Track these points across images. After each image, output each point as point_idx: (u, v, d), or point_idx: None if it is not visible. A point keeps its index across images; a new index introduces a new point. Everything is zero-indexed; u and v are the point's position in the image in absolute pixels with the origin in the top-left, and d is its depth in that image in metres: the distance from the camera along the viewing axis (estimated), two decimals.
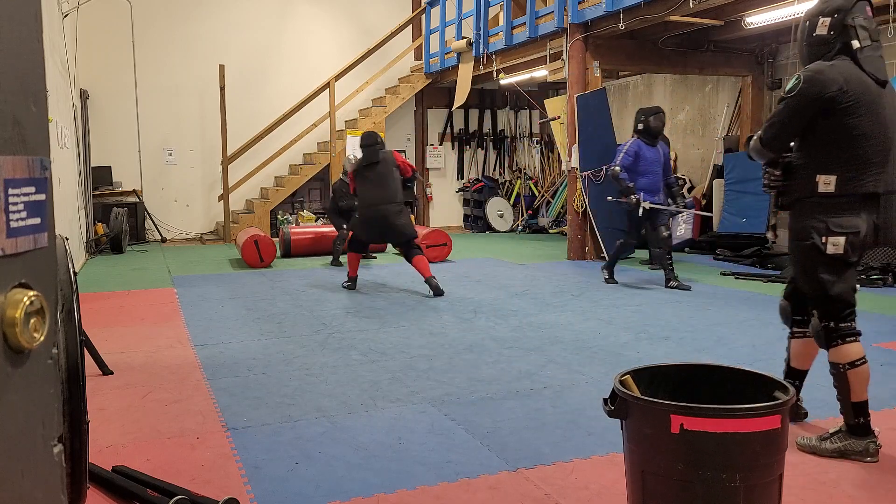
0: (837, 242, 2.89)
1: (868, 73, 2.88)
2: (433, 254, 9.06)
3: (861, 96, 2.84)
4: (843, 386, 2.96)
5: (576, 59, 8.74)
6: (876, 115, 2.86)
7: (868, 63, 2.89)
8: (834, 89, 2.82)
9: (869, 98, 2.85)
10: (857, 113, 2.83)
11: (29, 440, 0.95)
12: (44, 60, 1.04)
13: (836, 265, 2.93)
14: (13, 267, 0.92)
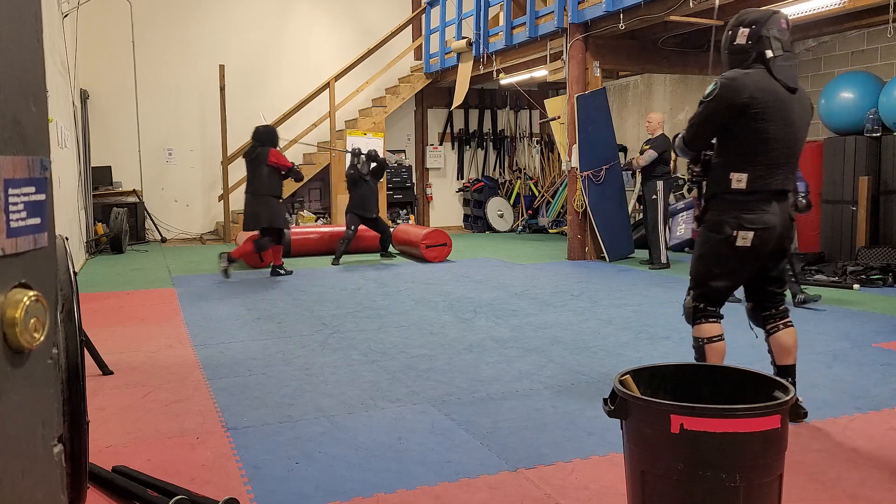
0: (746, 237, 3.13)
1: (779, 81, 3.12)
2: (433, 254, 9.06)
3: (770, 103, 3.08)
4: (702, 357, 3.31)
5: (576, 59, 8.75)
6: (784, 120, 3.12)
7: (780, 72, 3.13)
8: (745, 96, 3.06)
9: (779, 105, 3.10)
10: (766, 118, 3.08)
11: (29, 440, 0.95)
12: (44, 60, 1.04)
13: (733, 258, 3.19)
14: (13, 267, 0.92)
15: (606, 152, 8.96)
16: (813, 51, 9.20)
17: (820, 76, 9.11)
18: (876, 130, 7.79)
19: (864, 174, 7.71)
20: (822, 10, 7.09)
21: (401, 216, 13.14)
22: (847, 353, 4.50)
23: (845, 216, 7.89)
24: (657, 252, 8.23)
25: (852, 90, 8.02)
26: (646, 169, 8.31)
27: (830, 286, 6.88)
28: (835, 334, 5.00)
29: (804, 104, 3.21)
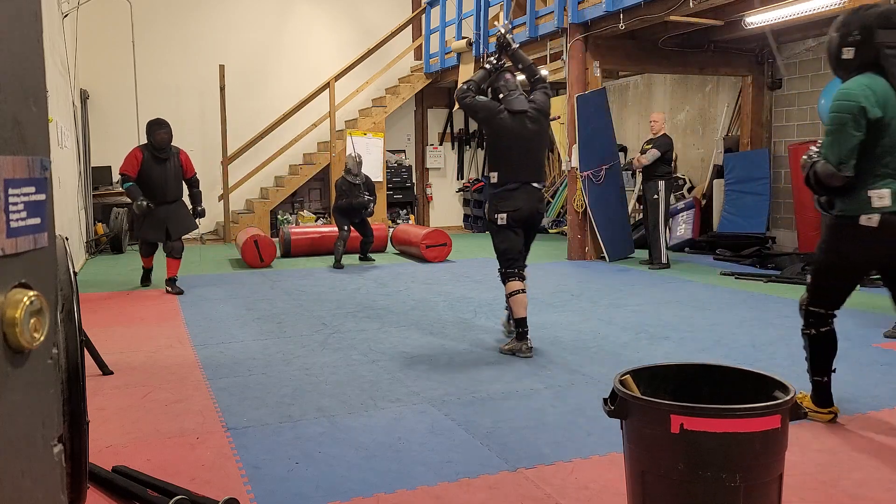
0: (503, 218, 4.57)
1: (508, 109, 4.65)
2: (433, 254, 9.06)
3: (502, 122, 4.63)
4: (510, 307, 4.67)
5: (576, 59, 8.74)
6: (514, 135, 4.61)
7: (507, 103, 4.68)
8: (492, 116, 4.67)
9: (509, 124, 4.62)
10: (501, 133, 4.64)
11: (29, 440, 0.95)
12: (44, 60, 1.04)
13: (504, 232, 4.61)
14: (13, 267, 0.92)
15: (606, 152, 8.95)
16: (813, 51, 9.20)
17: (820, 76, 9.11)
18: None
19: None
20: (822, 10, 7.09)
21: (401, 216, 13.14)
22: (847, 353, 4.50)
23: None
24: (657, 252, 8.23)
25: None
26: (647, 169, 8.31)
27: None
28: None
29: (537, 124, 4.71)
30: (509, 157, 4.58)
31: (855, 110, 2.97)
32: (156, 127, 6.85)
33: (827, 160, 3.03)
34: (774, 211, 9.65)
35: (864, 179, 3.01)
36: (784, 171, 9.58)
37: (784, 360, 4.38)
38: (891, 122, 2.97)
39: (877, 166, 3.00)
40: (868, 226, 3.00)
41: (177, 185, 6.99)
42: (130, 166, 6.75)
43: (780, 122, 9.84)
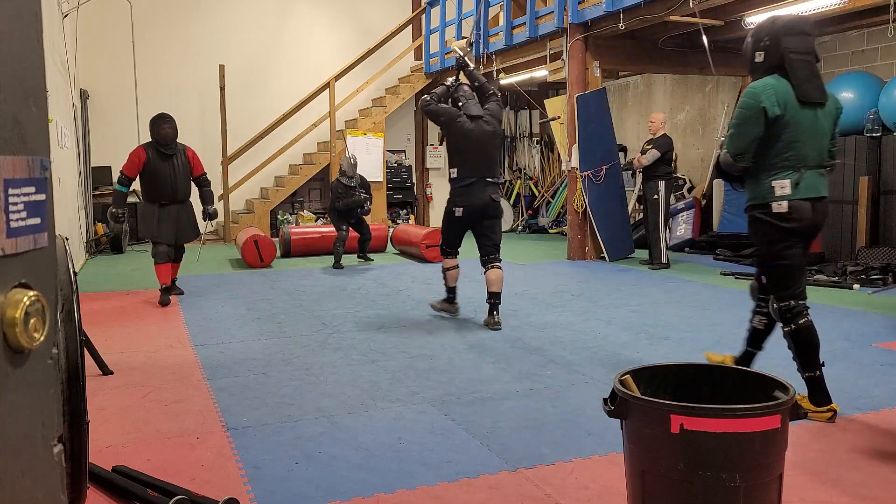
0: (460, 211, 5.43)
1: (466, 114, 5.41)
2: (433, 253, 9.06)
3: (461, 126, 5.38)
4: (446, 277, 5.67)
5: (576, 59, 8.74)
6: (471, 137, 5.37)
7: (466, 108, 5.45)
8: (452, 120, 5.41)
9: (467, 127, 5.37)
10: (461, 135, 5.38)
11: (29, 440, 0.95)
12: (44, 60, 1.04)
13: (455, 222, 5.51)
14: (13, 267, 0.92)
15: (606, 152, 8.95)
16: None
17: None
18: (876, 130, 7.79)
19: (864, 174, 7.71)
20: (822, 10, 7.09)
21: (401, 216, 13.13)
22: (847, 353, 4.50)
23: (845, 216, 7.89)
24: (657, 252, 8.23)
25: (852, 90, 8.01)
26: (647, 169, 8.31)
27: (830, 286, 6.88)
28: (835, 334, 4.99)
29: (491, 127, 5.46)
30: (467, 156, 5.37)
31: (756, 109, 3.28)
32: (159, 121, 6.46)
33: (728, 151, 3.40)
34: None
35: (768, 171, 3.34)
36: None
37: (784, 360, 4.37)
38: (790, 120, 3.28)
39: (779, 159, 3.31)
40: (780, 212, 3.32)
41: (185, 183, 6.61)
42: (130, 166, 6.40)
43: None
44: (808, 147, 3.32)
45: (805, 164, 3.32)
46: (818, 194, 3.36)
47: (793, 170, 3.31)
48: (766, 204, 3.36)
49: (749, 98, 3.33)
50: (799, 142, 3.30)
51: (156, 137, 6.45)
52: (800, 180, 3.30)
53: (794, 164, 3.31)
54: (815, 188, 3.35)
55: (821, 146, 3.37)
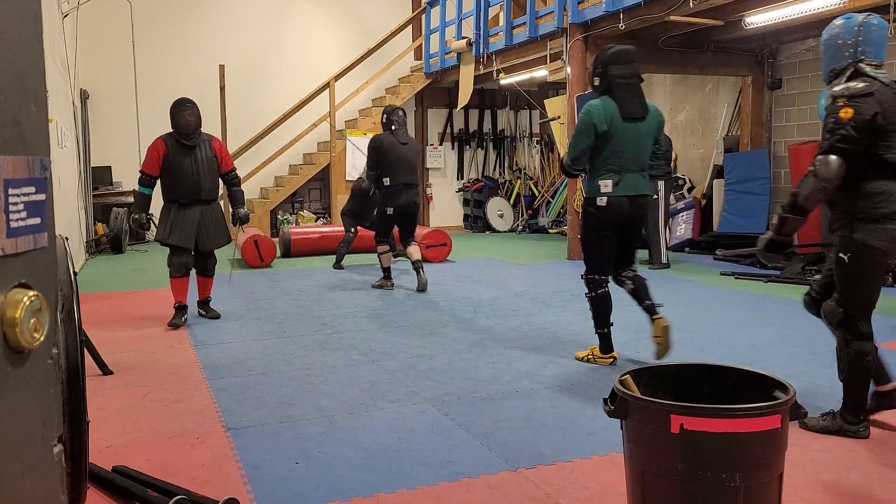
0: (391, 210, 6.86)
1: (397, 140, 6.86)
2: (433, 254, 9.06)
3: (390, 147, 6.81)
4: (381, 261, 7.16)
5: (576, 59, 8.74)
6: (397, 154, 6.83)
7: (397, 136, 6.90)
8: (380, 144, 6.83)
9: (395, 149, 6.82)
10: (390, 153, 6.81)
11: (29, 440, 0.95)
12: (44, 60, 1.04)
13: (388, 218, 6.96)
14: (13, 267, 0.92)
15: None
16: (813, 51, 9.20)
17: (820, 76, 9.10)
18: None
19: None
20: (822, 10, 7.08)
21: None
22: None
23: None
24: (657, 252, 8.23)
25: None
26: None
27: None
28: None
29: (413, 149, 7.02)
30: (398, 170, 6.82)
31: (589, 124, 4.07)
32: (179, 107, 5.50)
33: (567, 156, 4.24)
34: (774, 211, 9.65)
35: (597, 172, 4.14)
36: (784, 172, 9.58)
37: (784, 360, 4.38)
38: (614, 134, 4.06)
39: (605, 164, 4.11)
40: (601, 205, 4.12)
41: (212, 179, 5.55)
42: (150, 162, 5.45)
43: (780, 122, 9.84)
44: (629, 154, 4.10)
45: (626, 169, 4.09)
46: (636, 192, 4.13)
47: (615, 172, 4.09)
48: (594, 198, 4.15)
49: (584, 115, 4.11)
50: (621, 150, 4.08)
51: (176, 126, 5.48)
52: (620, 181, 4.08)
53: (616, 168, 4.09)
54: (634, 188, 4.12)
55: (641, 153, 4.16)
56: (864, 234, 2.99)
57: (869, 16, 3.10)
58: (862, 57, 3.04)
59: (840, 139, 2.91)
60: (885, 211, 2.95)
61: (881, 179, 2.96)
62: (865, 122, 2.89)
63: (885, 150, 2.94)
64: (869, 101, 2.90)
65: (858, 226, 3.01)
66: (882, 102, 2.91)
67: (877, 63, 3.04)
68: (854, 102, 2.91)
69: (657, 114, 4.24)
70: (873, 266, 3.06)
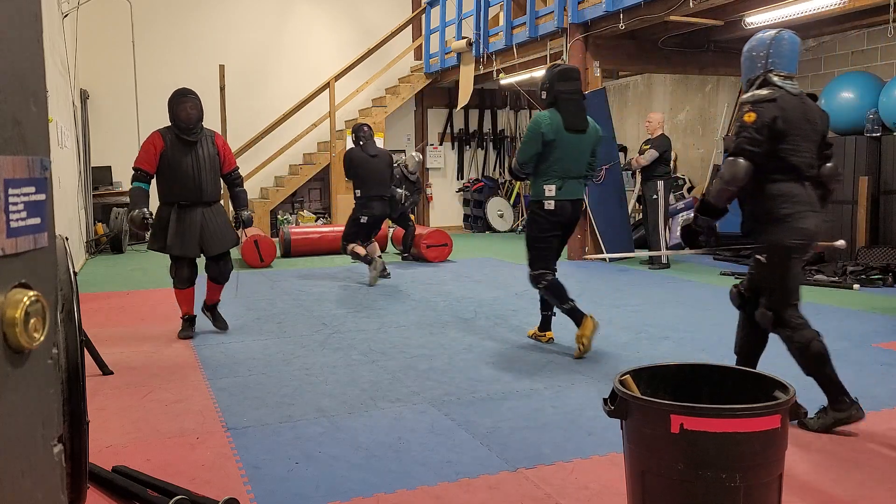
0: (364, 218, 7.40)
1: (366, 153, 7.43)
2: (434, 253, 9.07)
3: (360, 160, 7.42)
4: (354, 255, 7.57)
5: (576, 59, 8.74)
6: (366, 167, 7.38)
7: (366, 149, 7.45)
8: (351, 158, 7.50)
9: (364, 162, 7.41)
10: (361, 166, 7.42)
11: (29, 440, 0.95)
12: (44, 60, 1.04)
13: (360, 226, 7.46)
14: (13, 267, 0.92)
15: (606, 152, 8.91)
16: (813, 51, 9.20)
17: (820, 76, 9.11)
18: (876, 130, 7.79)
19: (864, 174, 7.71)
20: (822, 10, 7.09)
21: None
22: (847, 353, 4.50)
23: (845, 216, 7.89)
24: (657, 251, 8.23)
25: (852, 90, 8.01)
26: (646, 169, 8.32)
27: (830, 286, 6.88)
28: (835, 334, 4.99)
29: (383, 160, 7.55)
30: (368, 182, 7.40)
31: (536, 133, 4.48)
32: (179, 99, 4.93)
33: (516, 161, 4.65)
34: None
35: (543, 177, 4.53)
36: None
37: (784, 360, 4.37)
38: (559, 144, 4.47)
39: (550, 170, 4.51)
40: (549, 208, 4.53)
41: (213, 179, 5.06)
42: (145, 157, 4.91)
43: None
44: (570, 162, 4.52)
45: (568, 175, 4.52)
46: (575, 196, 4.60)
47: (559, 178, 4.50)
48: (540, 201, 4.55)
49: (533, 125, 4.53)
50: (564, 158, 4.49)
51: (175, 120, 4.95)
52: (563, 186, 4.50)
53: (560, 174, 4.50)
54: (574, 192, 4.57)
55: (581, 162, 4.59)
56: (777, 235, 3.20)
57: (781, 31, 3.33)
58: (772, 68, 3.26)
59: (744, 141, 3.13)
60: (787, 211, 3.16)
61: (785, 182, 3.17)
62: (766, 126, 3.10)
63: (788, 153, 3.15)
64: (770, 106, 3.12)
65: (769, 227, 3.21)
66: (784, 108, 3.13)
67: (786, 74, 3.25)
68: (757, 107, 3.14)
69: (596, 129, 4.69)
70: (790, 263, 3.24)
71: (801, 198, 3.17)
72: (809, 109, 3.25)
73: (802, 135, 3.17)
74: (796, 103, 3.19)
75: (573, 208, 4.60)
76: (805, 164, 3.19)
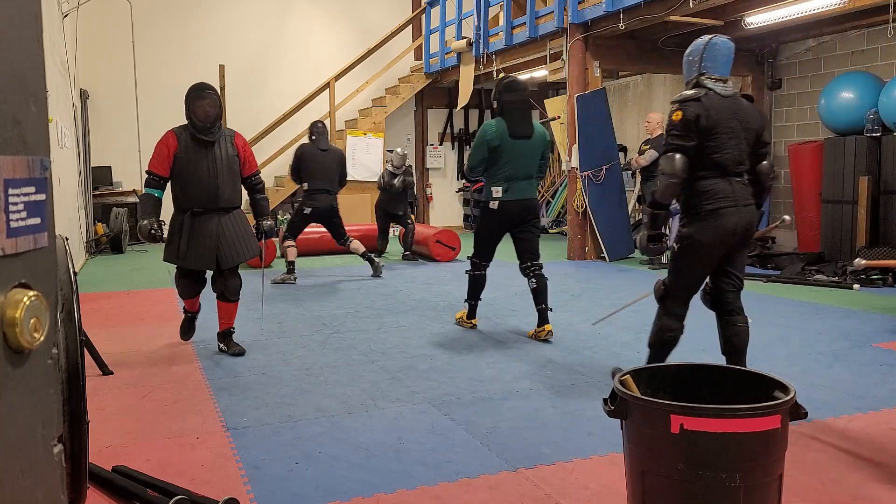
0: (309, 210, 7.64)
1: (317, 148, 7.73)
2: (439, 250, 9.10)
3: (310, 155, 7.72)
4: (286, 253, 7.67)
5: (576, 59, 8.74)
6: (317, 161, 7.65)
7: (317, 143, 7.76)
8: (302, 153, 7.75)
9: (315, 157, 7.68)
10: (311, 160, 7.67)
11: (29, 440, 0.95)
12: (44, 60, 1.04)
13: (304, 217, 7.75)
14: (13, 267, 0.92)
15: (606, 152, 8.95)
16: (813, 51, 9.20)
17: (820, 76, 9.11)
18: (876, 130, 7.79)
19: (864, 174, 7.70)
20: (822, 10, 7.09)
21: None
22: (847, 353, 4.50)
23: (845, 216, 7.89)
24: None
25: (852, 90, 8.01)
26: (646, 169, 8.32)
27: (830, 286, 6.88)
28: (835, 334, 4.99)
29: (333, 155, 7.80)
30: (317, 175, 7.60)
31: (484, 140, 4.91)
32: (196, 95, 4.50)
33: (467, 165, 5.10)
34: (774, 211, 9.65)
35: (491, 181, 4.95)
36: (784, 171, 9.58)
37: (784, 360, 4.39)
38: (505, 149, 4.87)
39: (497, 174, 4.92)
40: (492, 208, 4.95)
41: (232, 183, 4.56)
42: (158, 159, 4.52)
43: (780, 122, 9.84)
44: (516, 166, 4.90)
45: (515, 178, 4.90)
46: (523, 196, 4.95)
47: (505, 181, 4.90)
48: (488, 201, 4.97)
49: (481, 133, 4.98)
50: (510, 162, 4.89)
51: (192, 118, 4.52)
52: (509, 188, 4.89)
53: (506, 177, 4.90)
54: (521, 192, 4.94)
55: (528, 165, 4.96)
56: (693, 229, 3.37)
57: (715, 36, 3.53)
58: (704, 72, 3.45)
59: (673, 138, 3.37)
60: (710, 208, 3.32)
61: (711, 178, 3.35)
62: (690, 123, 3.31)
63: (712, 151, 3.33)
64: (694, 105, 3.33)
65: (689, 221, 3.40)
66: (708, 108, 3.32)
67: (718, 77, 3.44)
68: (682, 106, 3.36)
69: (543, 134, 5.13)
70: (697, 258, 3.42)
71: (724, 194, 3.33)
72: (741, 110, 3.44)
73: (728, 133, 3.35)
74: (725, 104, 3.39)
75: (520, 207, 4.96)
76: (730, 162, 3.35)
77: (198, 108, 4.47)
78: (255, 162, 4.77)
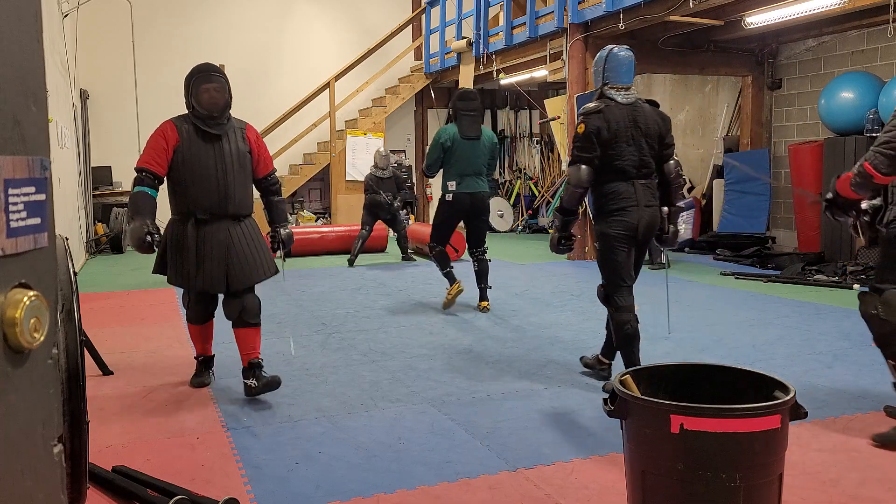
0: None
1: None
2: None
3: None
4: None
5: (576, 59, 8.74)
6: None
7: None
8: None
9: None
10: None
11: (29, 440, 0.95)
12: (44, 60, 1.04)
13: None
14: (13, 267, 0.92)
15: None
16: (813, 51, 9.20)
17: (820, 76, 9.11)
18: (876, 130, 7.78)
19: None
20: (822, 10, 7.08)
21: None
22: (847, 353, 4.50)
23: None
24: (657, 252, 8.23)
25: (852, 90, 8.01)
26: None
27: (830, 286, 6.88)
28: (835, 334, 4.99)
29: None
30: None
31: (438, 142, 5.79)
32: (200, 77, 3.88)
33: (424, 164, 5.94)
34: (774, 211, 9.65)
35: (446, 177, 5.81)
36: (784, 172, 9.58)
37: (784, 360, 4.39)
38: (456, 149, 5.73)
39: (450, 171, 5.79)
40: (448, 200, 5.82)
41: (244, 184, 3.79)
42: (153, 155, 3.67)
43: (780, 122, 9.84)
44: (467, 164, 5.76)
45: (465, 174, 5.76)
46: (474, 190, 5.82)
47: (458, 176, 5.76)
48: (444, 195, 5.82)
49: (436, 136, 5.85)
50: (461, 160, 5.73)
51: (196, 106, 3.85)
52: (461, 182, 5.75)
53: (458, 173, 5.76)
54: (472, 186, 5.80)
55: (477, 163, 5.82)
56: (604, 226, 3.71)
57: (615, 47, 3.78)
58: (608, 81, 3.74)
59: (577, 150, 3.67)
60: (613, 207, 3.66)
61: (615, 182, 3.66)
62: (592, 135, 3.60)
63: (613, 158, 3.63)
64: (595, 117, 3.62)
65: (600, 220, 3.75)
66: (609, 120, 3.62)
67: (620, 86, 3.74)
68: (585, 119, 3.65)
69: (490, 137, 6.02)
70: (613, 250, 3.69)
71: (626, 195, 3.65)
72: (642, 116, 3.73)
73: (628, 141, 3.64)
74: (625, 112, 3.68)
75: (472, 199, 5.82)
76: (631, 167, 3.65)
77: (203, 93, 3.77)
78: (271, 159, 4.05)
